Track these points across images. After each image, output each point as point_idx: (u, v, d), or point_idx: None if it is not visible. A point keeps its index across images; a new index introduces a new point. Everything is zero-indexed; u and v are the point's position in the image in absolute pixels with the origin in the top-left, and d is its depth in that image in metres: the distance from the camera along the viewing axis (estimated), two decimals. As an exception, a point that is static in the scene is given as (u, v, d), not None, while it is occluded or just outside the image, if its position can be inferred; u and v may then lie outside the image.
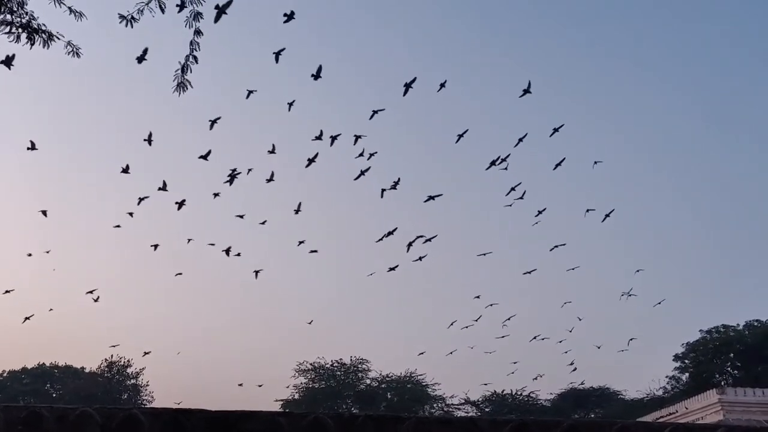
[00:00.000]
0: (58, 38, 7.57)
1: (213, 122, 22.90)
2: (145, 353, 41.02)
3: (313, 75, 20.10)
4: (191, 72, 7.70)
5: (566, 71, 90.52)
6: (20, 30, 7.38)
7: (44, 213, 27.37)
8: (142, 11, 7.25)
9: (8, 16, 7.31)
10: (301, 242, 30.41)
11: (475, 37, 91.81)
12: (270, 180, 25.57)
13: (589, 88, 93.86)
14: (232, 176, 24.07)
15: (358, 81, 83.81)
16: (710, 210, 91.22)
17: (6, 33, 7.37)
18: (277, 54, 18.14)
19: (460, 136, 24.67)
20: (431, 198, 26.39)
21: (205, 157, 23.78)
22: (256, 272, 30.11)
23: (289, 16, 16.54)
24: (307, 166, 24.28)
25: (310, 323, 43.85)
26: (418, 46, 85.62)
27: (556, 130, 24.27)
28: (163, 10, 7.25)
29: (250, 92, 22.62)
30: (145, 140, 22.63)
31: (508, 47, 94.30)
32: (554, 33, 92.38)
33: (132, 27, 7.33)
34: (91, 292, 32.25)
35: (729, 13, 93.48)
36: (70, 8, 7.42)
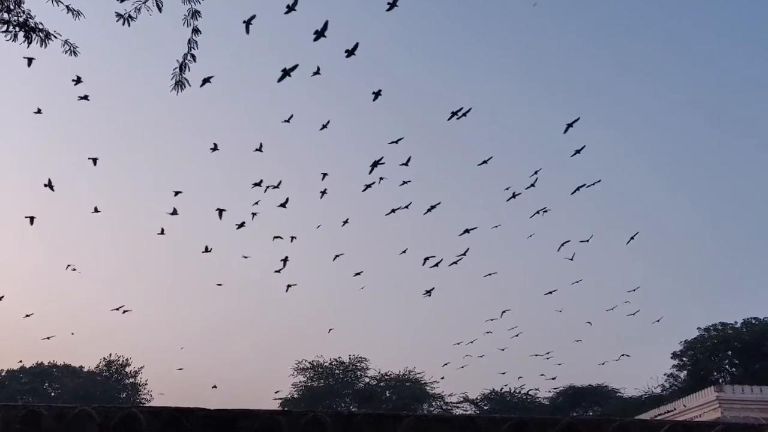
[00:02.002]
0: (55, 37, 7.55)
1: (259, 150, 23.81)
2: (179, 369, 41.62)
3: (374, 93, 20.17)
4: (189, 70, 7.69)
5: (565, 72, 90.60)
6: (17, 29, 7.36)
7: (96, 209, 27.85)
8: (139, 10, 7.23)
9: (5, 15, 7.30)
10: (337, 256, 30.84)
11: (469, 35, 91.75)
12: (323, 194, 26.07)
13: (589, 88, 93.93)
14: (284, 203, 25.03)
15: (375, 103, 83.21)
16: (709, 208, 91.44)
17: (3, 32, 7.35)
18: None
19: (485, 161, 25.21)
20: (467, 231, 27.17)
21: (257, 183, 24.82)
22: (288, 286, 30.77)
23: (320, 34, 16.73)
24: (364, 190, 25.12)
25: (329, 331, 44.26)
26: (432, 65, 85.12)
27: (577, 151, 24.43)
28: (160, 9, 7.23)
29: (287, 120, 23.23)
30: (211, 149, 23.59)
31: (507, 48, 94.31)
32: (554, 36, 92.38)
33: (129, 26, 7.32)
34: (118, 309, 33.09)
35: (728, 13, 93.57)
36: (67, 7, 7.40)
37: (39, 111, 21.79)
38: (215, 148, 23.39)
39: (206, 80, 18.08)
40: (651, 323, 49.15)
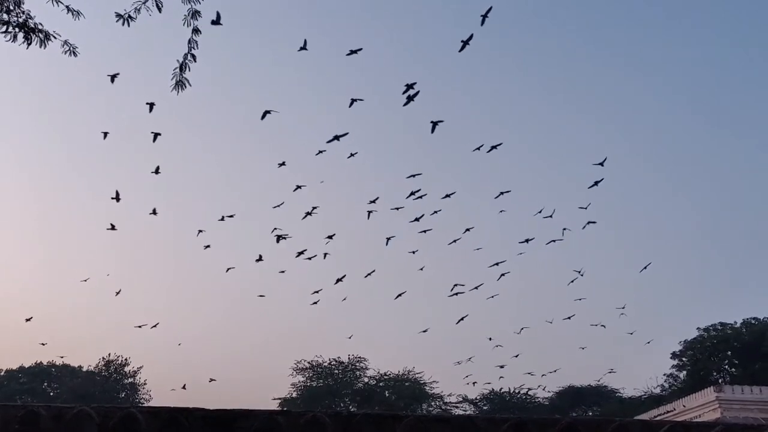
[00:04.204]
0: (55, 37, 7.55)
1: (298, 187, 24.27)
2: (211, 380, 41.84)
3: (433, 122, 20.14)
4: (189, 70, 7.70)
5: (564, 71, 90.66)
6: (17, 29, 7.35)
7: (154, 211, 27.85)
8: (139, 10, 7.23)
9: (5, 16, 7.29)
10: (369, 274, 31.68)
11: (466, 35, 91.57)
12: (370, 214, 26.91)
13: (588, 87, 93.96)
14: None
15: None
16: (709, 208, 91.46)
17: (2, 33, 7.35)
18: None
19: (502, 193, 25.96)
20: (496, 264, 28.35)
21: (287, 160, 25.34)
22: (314, 303, 31.47)
23: (409, 87, 17.20)
24: (412, 221, 25.91)
25: (350, 338, 44.69)
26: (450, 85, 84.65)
27: (596, 183, 25.03)
28: (160, 9, 7.23)
29: (320, 152, 23.67)
30: (279, 164, 24.28)
31: (507, 48, 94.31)
32: (554, 36, 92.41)
33: (129, 26, 7.31)
34: (140, 326, 33.76)
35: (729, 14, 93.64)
36: (67, 7, 7.40)
37: (106, 133, 22.14)
38: (283, 163, 23.83)
39: (267, 113, 18.70)
40: (644, 344, 50.16)
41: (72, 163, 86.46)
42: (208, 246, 28.92)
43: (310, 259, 28.10)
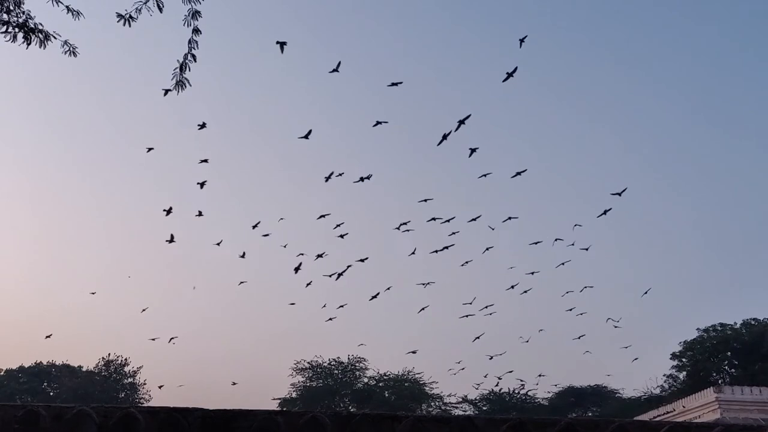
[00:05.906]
0: (55, 37, 7.55)
1: (322, 216, 24.56)
2: (233, 383, 41.93)
3: (471, 149, 20.83)
4: (190, 70, 7.70)
5: (564, 71, 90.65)
6: (17, 30, 7.36)
7: (200, 213, 27.77)
8: (140, 10, 7.23)
9: (5, 16, 7.30)
10: (388, 288, 32.23)
11: (466, 35, 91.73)
12: (401, 225, 27.35)
13: (587, 87, 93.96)
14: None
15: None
16: (708, 209, 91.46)
17: (2, 33, 7.35)
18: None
19: (509, 218, 26.55)
20: (512, 287, 28.98)
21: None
22: (335, 313, 31.69)
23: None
24: (439, 250, 26.22)
25: (360, 345, 45.21)
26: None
27: (605, 212, 25.49)
28: (160, 9, 7.24)
29: (339, 174, 23.82)
30: (325, 178, 24.23)
31: (507, 48, 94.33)
32: (553, 36, 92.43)
33: (129, 26, 7.32)
34: (153, 339, 34.30)
35: (729, 13, 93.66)
36: (67, 7, 7.40)
37: (150, 149, 22.43)
38: (329, 177, 23.80)
39: (307, 134, 19.23)
40: (632, 361, 50.73)
41: (72, 163, 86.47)
42: (243, 255, 29.01)
43: (336, 275, 28.01)
